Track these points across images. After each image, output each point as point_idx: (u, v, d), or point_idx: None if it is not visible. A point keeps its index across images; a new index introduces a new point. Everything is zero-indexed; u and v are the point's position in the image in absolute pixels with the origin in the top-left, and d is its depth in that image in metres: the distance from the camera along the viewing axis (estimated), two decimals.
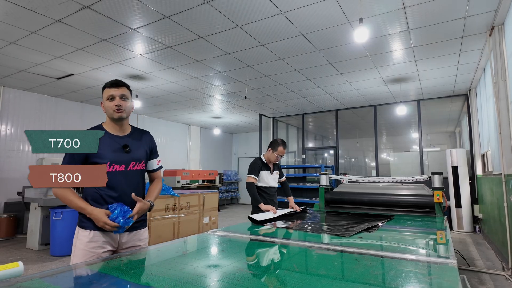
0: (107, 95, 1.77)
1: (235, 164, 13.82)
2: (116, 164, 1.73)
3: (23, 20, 3.84)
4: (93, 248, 1.67)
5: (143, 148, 1.88)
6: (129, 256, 1.59)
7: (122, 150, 1.77)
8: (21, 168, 6.80)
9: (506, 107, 3.85)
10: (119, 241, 1.76)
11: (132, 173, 1.79)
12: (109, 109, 1.76)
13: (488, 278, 3.77)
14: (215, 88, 6.88)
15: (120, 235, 1.76)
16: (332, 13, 3.71)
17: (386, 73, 5.83)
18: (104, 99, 1.78)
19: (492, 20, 3.86)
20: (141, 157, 1.85)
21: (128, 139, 1.82)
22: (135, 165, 1.81)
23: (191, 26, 4.05)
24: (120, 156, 1.75)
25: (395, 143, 12.86)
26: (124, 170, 1.75)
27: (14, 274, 1.06)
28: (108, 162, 1.69)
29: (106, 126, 1.82)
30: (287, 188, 3.62)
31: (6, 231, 6.00)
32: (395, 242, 2.05)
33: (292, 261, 1.55)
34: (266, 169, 3.37)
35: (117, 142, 1.78)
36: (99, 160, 1.68)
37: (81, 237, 1.70)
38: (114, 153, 1.74)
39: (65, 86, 6.60)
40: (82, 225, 1.72)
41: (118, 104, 1.75)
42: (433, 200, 3.17)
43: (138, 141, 1.87)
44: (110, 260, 1.50)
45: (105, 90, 1.79)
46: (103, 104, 1.80)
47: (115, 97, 1.76)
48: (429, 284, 1.15)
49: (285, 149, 3.34)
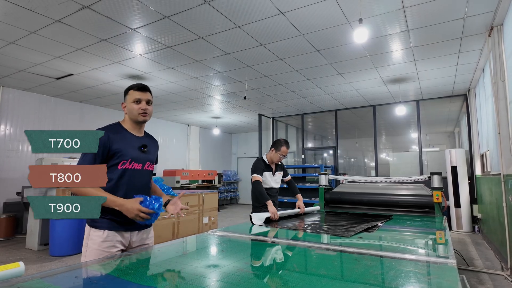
0: (133, 98, 1.81)
1: (235, 164, 13.81)
2: (135, 162, 1.79)
3: (22, 20, 3.84)
4: (107, 247, 1.68)
5: (154, 151, 1.98)
6: (129, 256, 1.59)
7: (140, 150, 1.83)
8: (21, 168, 6.79)
9: (505, 107, 3.86)
10: (130, 240, 1.78)
11: (146, 172, 1.87)
12: (134, 111, 1.81)
13: (487, 278, 3.78)
14: (214, 88, 6.88)
15: (131, 234, 1.77)
16: (332, 13, 3.72)
17: (385, 73, 5.84)
18: (129, 101, 1.82)
19: (491, 20, 3.86)
20: (154, 159, 1.95)
21: (145, 140, 1.90)
22: (149, 165, 1.89)
23: (191, 26, 4.05)
24: (139, 155, 1.82)
25: (394, 143, 12.88)
26: (141, 169, 1.82)
27: (15, 274, 1.06)
28: (129, 159, 1.75)
29: (125, 125, 1.86)
30: (294, 186, 3.54)
31: (5, 231, 5.99)
32: (395, 242, 2.06)
33: (292, 261, 1.55)
34: (268, 170, 3.32)
35: (137, 142, 1.84)
36: (122, 156, 1.73)
37: (94, 237, 1.69)
38: (134, 151, 1.80)
39: (64, 86, 6.59)
40: (94, 224, 1.71)
41: (144, 108, 1.81)
42: (433, 200, 3.18)
43: (151, 144, 1.95)
44: (110, 260, 1.50)
45: (131, 92, 1.83)
46: (126, 105, 1.84)
47: (141, 101, 1.82)
48: (429, 284, 1.15)
49: (288, 149, 3.31)
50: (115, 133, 1.77)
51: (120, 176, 1.73)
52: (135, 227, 1.76)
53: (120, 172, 1.73)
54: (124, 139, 1.78)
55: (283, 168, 3.54)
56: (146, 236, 1.87)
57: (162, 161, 10.03)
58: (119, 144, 1.74)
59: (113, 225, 1.70)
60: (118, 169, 1.73)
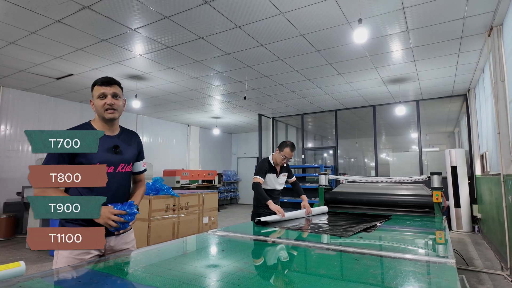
0: (98, 93, 1.67)
1: (235, 164, 13.82)
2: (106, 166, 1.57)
3: (22, 20, 3.84)
4: (79, 254, 1.55)
5: (132, 149, 1.80)
6: (130, 256, 1.59)
7: (112, 151, 1.67)
8: (21, 168, 6.80)
9: (505, 107, 3.87)
10: (106, 245, 1.64)
11: (120, 175, 1.70)
12: (99, 108, 1.67)
13: (487, 278, 3.78)
14: (214, 88, 6.88)
15: (108, 239, 1.62)
16: (332, 13, 3.72)
17: (385, 73, 5.84)
18: (94, 97, 1.68)
19: (491, 21, 3.87)
20: (130, 159, 1.77)
21: (118, 140, 1.73)
22: (124, 167, 1.72)
23: (191, 27, 4.05)
24: (110, 157, 1.66)
25: (394, 143, 12.88)
26: (112, 172, 1.65)
27: (16, 274, 1.06)
28: (97, 163, 1.56)
29: (95, 124, 1.72)
30: (299, 187, 3.51)
31: (6, 231, 5.99)
32: (394, 242, 2.06)
33: (292, 261, 1.56)
34: (272, 172, 3.28)
35: (107, 143, 1.67)
36: (88, 160, 1.57)
37: None
38: (104, 153, 1.63)
39: (64, 86, 6.60)
40: None
41: (110, 103, 1.66)
42: (432, 200, 3.19)
43: (128, 142, 1.78)
44: (111, 260, 1.50)
45: (96, 87, 1.69)
46: (93, 102, 1.70)
47: (106, 95, 1.67)
48: (428, 284, 1.15)
49: (293, 152, 3.23)
50: None
51: None
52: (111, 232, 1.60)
53: None
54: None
55: (288, 169, 3.48)
56: (125, 240, 1.74)
57: (162, 161, 10.05)
58: None
59: None
60: None
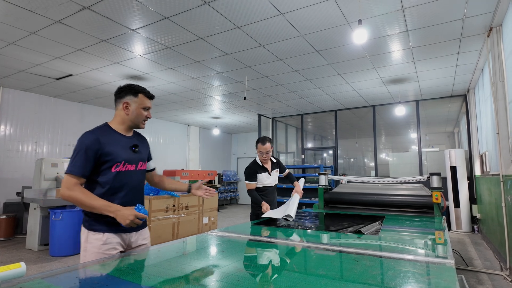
0: (144, 105, 1.82)
1: (234, 164, 13.82)
2: (128, 163, 1.78)
3: (22, 20, 3.85)
4: (108, 250, 1.67)
5: (146, 149, 1.97)
6: (129, 256, 1.60)
7: (131, 150, 1.81)
8: (20, 168, 6.80)
9: (504, 107, 3.87)
10: (128, 241, 1.79)
11: (139, 172, 1.86)
12: (139, 117, 1.83)
13: (486, 278, 3.79)
14: (214, 88, 6.89)
15: (129, 235, 1.78)
16: (331, 14, 3.73)
17: (385, 73, 5.85)
18: (137, 105, 1.81)
19: (490, 21, 3.88)
20: (145, 158, 1.94)
21: (135, 140, 1.88)
22: (142, 165, 1.88)
23: (191, 27, 4.05)
24: (131, 156, 1.80)
25: (394, 143, 12.88)
26: (134, 169, 1.81)
27: (17, 275, 1.07)
28: (122, 161, 1.73)
29: (114, 126, 1.82)
30: (292, 177, 3.50)
31: (5, 231, 5.99)
32: (394, 242, 2.07)
33: (292, 261, 1.56)
34: (262, 172, 3.27)
35: (127, 142, 1.82)
36: (112, 158, 1.70)
37: (93, 240, 1.67)
38: (125, 152, 1.78)
39: (64, 86, 6.60)
40: (93, 228, 1.69)
41: (149, 117, 1.87)
42: (432, 200, 3.19)
43: (141, 143, 1.93)
44: (111, 260, 1.51)
45: (142, 97, 1.82)
46: (131, 107, 1.80)
47: (149, 109, 1.86)
48: (427, 284, 1.16)
49: (266, 144, 3.14)
50: (105, 135, 1.73)
51: (114, 179, 1.71)
52: (133, 228, 1.76)
53: (114, 174, 1.70)
54: (114, 141, 1.74)
55: (279, 165, 3.49)
56: (143, 236, 1.88)
57: (162, 161, 10.05)
58: (110, 146, 1.70)
59: (112, 227, 1.68)
60: (111, 172, 1.70)
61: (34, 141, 7.10)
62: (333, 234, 2.21)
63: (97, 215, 1.66)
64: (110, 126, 1.80)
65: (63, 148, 7.63)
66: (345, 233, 2.19)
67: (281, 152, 10.93)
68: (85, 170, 1.64)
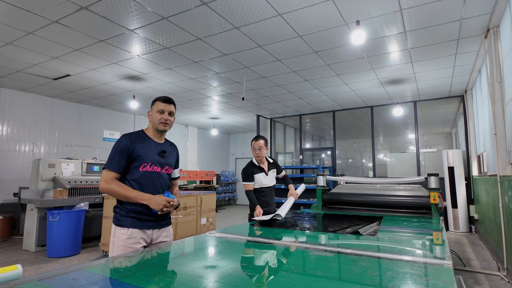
0: (158, 108, 2.02)
1: (233, 165, 13.81)
2: (155, 165, 2.00)
3: (20, 20, 3.83)
4: (132, 243, 1.87)
5: (173, 157, 2.18)
6: (126, 258, 1.59)
7: (160, 155, 2.04)
8: (18, 169, 6.76)
9: (501, 108, 3.89)
10: (151, 237, 1.97)
11: (165, 175, 2.07)
12: (156, 120, 2.03)
13: (484, 278, 3.80)
14: (212, 89, 6.88)
15: (153, 231, 1.98)
16: (330, 15, 3.73)
17: (383, 74, 5.86)
18: (154, 111, 2.03)
19: (488, 22, 3.89)
20: (172, 164, 2.14)
21: (164, 147, 2.11)
22: (167, 169, 2.09)
23: (189, 28, 4.05)
24: (159, 160, 2.03)
25: (392, 144, 12.91)
26: (160, 172, 2.03)
27: (13, 277, 1.06)
28: (149, 162, 1.97)
29: (148, 132, 2.08)
30: (287, 179, 3.54)
31: (2, 232, 5.96)
32: (392, 243, 2.07)
33: (290, 262, 1.56)
34: (259, 172, 3.28)
35: (157, 147, 2.05)
36: (142, 158, 1.95)
37: (119, 234, 1.89)
38: (154, 155, 2.01)
39: (62, 86, 6.58)
40: (119, 223, 1.91)
41: (166, 119, 2.02)
42: (430, 201, 3.20)
43: (170, 151, 2.15)
44: (108, 262, 1.50)
45: (157, 103, 2.04)
46: (151, 114, 2.06)
47: (164, 112, 2.02)
48: (425, 285, 1.16)
49: (258, 141, 3.25)
50: (138, 139, 1.99)
51: (141, 177, 1.94)
52: (155, 225, 1.98)
53: (141, 173, 1.94)
54: (145, 144, 1.99)
55: (276, 165, 3.52)
56: (166, 233, 2.07)
57: None
58: (141, 149, 1.96)
59: (136, 223, 1.90)
60: (139, 171, 1.94)
61: (32, 142, 7.07)
62: (331, 235, 2.21)
63: (124, 212, 1.91)
64: (145, 132, 2.08)
65: (61, 148, 7.60)
66: (343, 234, 2.19)
67: (280, 153, 10.94)
68: (120, 167, 1.91)
